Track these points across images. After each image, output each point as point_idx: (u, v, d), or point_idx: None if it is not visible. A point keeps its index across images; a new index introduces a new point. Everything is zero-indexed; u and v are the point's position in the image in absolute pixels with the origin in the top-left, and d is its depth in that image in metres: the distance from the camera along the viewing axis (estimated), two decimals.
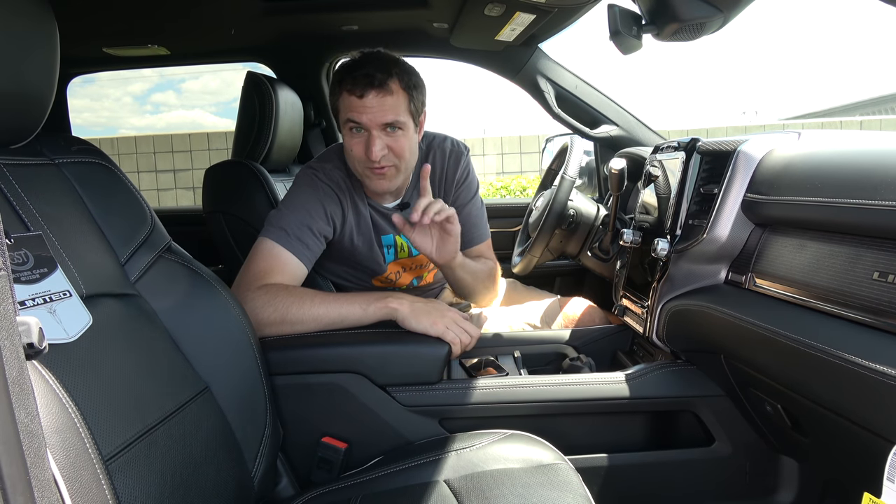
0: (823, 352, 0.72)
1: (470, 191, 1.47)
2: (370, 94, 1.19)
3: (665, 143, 1.27)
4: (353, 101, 1.20)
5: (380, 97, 1.20)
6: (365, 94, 1.19)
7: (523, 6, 1.45)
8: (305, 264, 1.23)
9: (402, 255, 1.46)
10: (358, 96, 1.20)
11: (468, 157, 1.47)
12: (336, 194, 1.31)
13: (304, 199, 1.27)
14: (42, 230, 0.74)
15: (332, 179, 1.31)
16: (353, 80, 1.20)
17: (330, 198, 1.30)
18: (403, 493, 0.89)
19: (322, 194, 1.29)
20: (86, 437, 0.58)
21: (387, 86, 1.20)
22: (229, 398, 0.90)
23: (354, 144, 1.24)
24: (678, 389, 1.13)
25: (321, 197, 1.28)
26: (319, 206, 1.27)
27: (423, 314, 1.10)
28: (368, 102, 1.19)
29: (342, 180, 1.33)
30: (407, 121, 1.24)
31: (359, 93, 1.19)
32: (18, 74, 0.71)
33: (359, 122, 1.21)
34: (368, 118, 1.20)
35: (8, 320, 0.38)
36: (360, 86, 1.19)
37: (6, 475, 0.36)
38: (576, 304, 1.53)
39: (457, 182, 1.44)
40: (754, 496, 1.14)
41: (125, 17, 1.74)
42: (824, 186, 0.77)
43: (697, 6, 0.88)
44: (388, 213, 1.38)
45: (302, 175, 1.34)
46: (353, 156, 1.26)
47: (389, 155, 1.24)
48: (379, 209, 1.38)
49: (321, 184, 1.30)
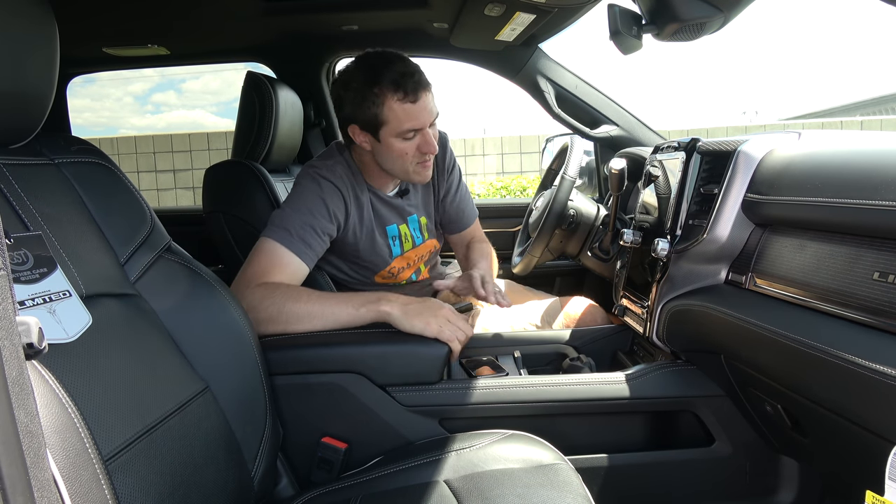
0: (824, 352, 0.71)
1: (456, 174, 1.54)
2: (422, 95, 1.21)
3: (665, 143, 1.27)
4: (407, 107, 1.21)
5: (427, 94, 1.23)
6: (418, 98, 1.21)
7: (523, 6, 1.45)
8: (307, 264, 1.23)
9: (408, 247, 1.47)
10: (412, 101, 1.21)
11: (448, 140, 1.52)
12: (339, 190, 1.31)
13: (306, 199, 1.27)
14: (42, 230, 0.74)
15: (333, 175, 1.31)
16: (402, 88, 1.20)
17: (332, 194, 1.30)
18: (403, 493, 0.89)
19: (324, 192, 1.29)
20: (85, 437, 0.58)
21: (428, 82, 1.23)
22: (229, 398, 0.90)
23: (409, 148, 1.26)
24: (678, 389, 1.13)
25: (324, 195, 1.28)
26: (322, 205, 1.27)
27: (416, 316, 1.09)
28: (423, 104, 1.22)
29: (344, 175, 1.33)
30: None
31: (412, 97, 1.20)
32: (18, 74, 0.71)
33: (421, 127, 1.23)
34: (426, 118, 1.23)
35: (8, 320, 0.38)
36: (411, 90, 1.20)
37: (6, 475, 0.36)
38: (577, 304, 1.54)
39: (447, 169, 1.49)
40: (754, 496, 1.14)
41: (125, 17, 1.74)
42: (824, 186, 0.77)
43: (697, 6, 0.88)
44: (390, 200, 1.41)
45: (303, 174, 1.34)
46: (407, 157, 1.27)
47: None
48: (382, 197, 1.40)
49: (323, 181, 1.30)
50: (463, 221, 1.59)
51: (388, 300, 1.12)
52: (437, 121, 1.29)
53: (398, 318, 1.09)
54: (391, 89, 1.20)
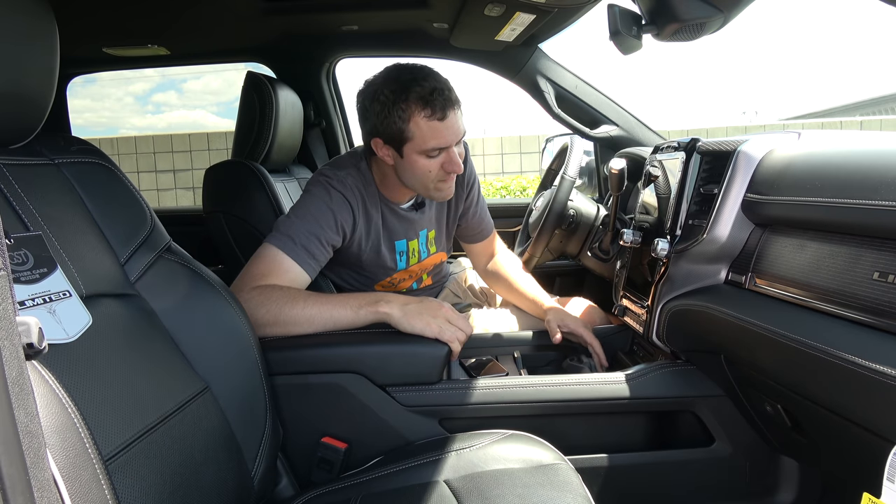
0: (823, 352, 0.71)
1: (477, 188, 1.52)
2: (450, 113, 1.18)
3: (665, 143, 1.27)
4: (434, 125, 1.17)
5: (456, 112, 1.19)
6: (446, 115, 1.17)
7: (523, 6, 1.45)
8: (309, 274, 1.20)
9: (413, 262, 1.46)
10: (440, 119, 1.17)
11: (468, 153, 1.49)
12: (348, 202, 1.28)
13: (314, 208, 1.25)
14: (42, 230, 0.74)
15: (345, 187, 1.28)
16: (430, 104, 1.16)
17: (342, 206, 1.27)
18: (403, 493, 0.89)
19: (334, 203, 1.26)
20: (85, 437, 0.58)
21: (457, 99, 1.19)
22: (229, 398, 0.90)
23: (433, 166, 1.22)
24: (678, 389, 1.13)
25: (332, 205, 1.25)
26: (330, 216, 1.24)
27: (416, 316, 1.08)
28: (450, 122, 1.18)
29: (355, 188, 1.30)
30: None
31: (440, 115, 1.17)
32: (18, 74, 0.71)
33: (448, 146, 1.20)
34: (452, 137, 1.20)
35: (8, 320, 0.38)
36: (439, 108, 1.16)
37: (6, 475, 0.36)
38: (576, 304, 1.53)
39: (467, 183, 1.47)
40: (754, 496, 1.14)
41: (125, 17, 1.73)
42: (824, 186, 0.77)
43: (697, 6, 0.88)
44: (404, 214, 1.39)
45: (314, 182, 1.31)
46: (430, 175, 1.24)
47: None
48: (396, 210, 1.38)
49: (334, 192, 1.27)
50: (482, 233, 1.59)
51: (388, 301, 1.11)
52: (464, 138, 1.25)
53: (398, 319, 1.09)
54: (419, 105, 1.16)
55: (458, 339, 1.09)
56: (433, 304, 1.12)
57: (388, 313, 1.10)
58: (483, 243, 1.60)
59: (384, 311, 1.10)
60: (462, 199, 1.47)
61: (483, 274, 1.64)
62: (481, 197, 1.55)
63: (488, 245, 1.61)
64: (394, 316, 1.09)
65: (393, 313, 1.09)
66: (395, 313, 1.09)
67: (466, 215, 1.52)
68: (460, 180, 1.43)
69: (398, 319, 1.09)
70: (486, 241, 1.60)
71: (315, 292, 1.17)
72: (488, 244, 1.61)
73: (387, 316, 1.10)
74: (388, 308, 1.10)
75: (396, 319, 1.09)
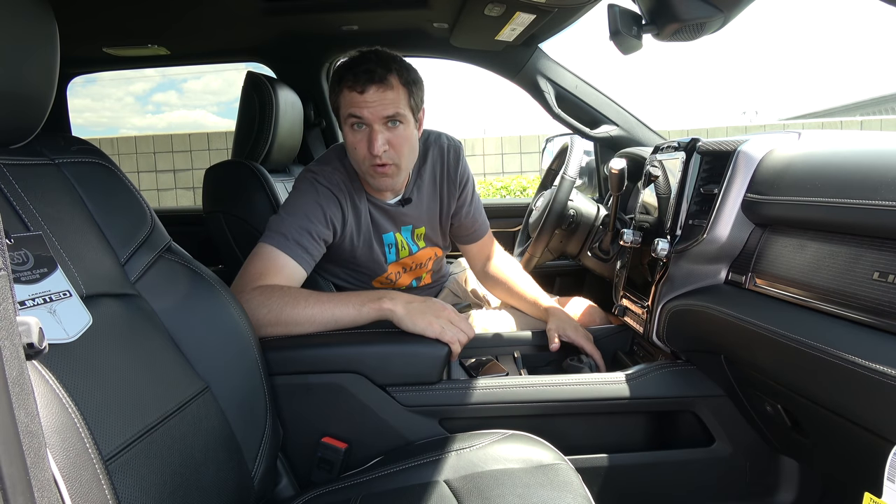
0: (823, 352, 0.71)
1: (470, 187, 1.51)
2: (371, 88, 1.20)
3: (665, 143, 1.27)
4: (354, 96, 1.21)
5: (380, 91, 1.21)
6: (366, 90, 1.20)
7: (523, 6, 1.45)
8: (305, 268, 1.22)
9: (404, 255, 1.46)
10: (359, 92, 1.20)
11: (463, 152, 1.50)
12: (335, 196, 1.31)
13: (303, 204, 1.27)
14: (42, 230, 0.74)
15: (331, 182, 1.31)
16: (353, 77, 1.21)
17: (329, 200, 1.29)
18: (403, 493, 0.89)
19: (321, 198, 1.29)
20: (86, 437, 0.58)
21: (387, 80, 1.21)
22: (229, 398, 0.90)
23: (357, 142, 1.25)
24: (678, 389, 1.13)
25: (320, 200, 1.28)
26: (319, 210, 1.27)
27: (419, 315, 1.09)
28: (370, 97, 1.21)
29: (342, 182, 1.33)
30: (407, 115, 1.25)
31: (360, 88, 1.20)
32: (18, 74, 0.71)
33: (360, 117, 1.22)
34: (370, 112, 1.21)
35: (8, 320, 0.38)
36: (360, 81, 1.20)
37: (6, 475, 0.36)
38: (576, 304, 1.54)
39: (460, 182, 1.47)
40: (754, 496, 1.14)
41: (125, 17, 1.74)
42: (824, 186, 0.77)
43: (697, 6, 0.88)
44: (389, 208, 1.39)
45: (301, 179, 1.34)
46: (357, 153, 1.26)
47: (390, 152, 1.24)
48: (380, 205, 1.39)
49: (320, 187, 1.30)
50: (476, 233, 1.58)
51: (391, 298, 1.12)
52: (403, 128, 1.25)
53: (401, 317, 1.09)
54: (347, 78, 1.22)
55: (460, 341, 1.09)
56: (436, 304, 1.12)
57: (391, 310, 1.10)
58: (478, 245, 1.59)
59: (388, 308, 1.10)
60: (454, 198, 1.47)
61: (480, 277, 1.63)
62: (476, 197, 1.55)
63: (483, 247, 1.60)
64: (397, 313, 1.10)
65: (396, 310, 1.10)
66: (399, 310, 1.10)
67: (459, 214, 1.51)
68: (451, 178, 1.45)
69: (401, 317, 1.09)
70: (481, 243, 1.59)
71: (316, 291, 1.17)
72: (484, 246, 1.60)
73: (390, 312, 1.10)
74: (392, 305, 1.10)
75: (399, 317, 1.09)
